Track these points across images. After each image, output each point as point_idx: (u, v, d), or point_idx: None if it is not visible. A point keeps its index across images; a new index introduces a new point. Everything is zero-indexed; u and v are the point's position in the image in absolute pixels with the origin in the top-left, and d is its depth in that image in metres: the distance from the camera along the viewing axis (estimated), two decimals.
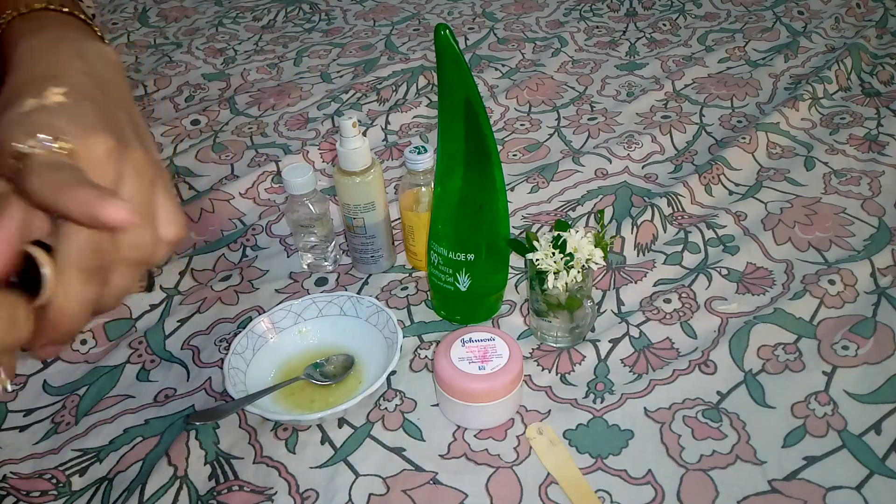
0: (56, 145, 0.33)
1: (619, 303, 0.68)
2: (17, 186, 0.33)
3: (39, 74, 0.36)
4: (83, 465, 0.56)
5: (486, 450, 0.55)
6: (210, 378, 0.63)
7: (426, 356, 0.64)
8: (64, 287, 0.33)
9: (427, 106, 1.02)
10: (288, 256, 0.77)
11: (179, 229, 0.37)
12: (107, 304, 0.36)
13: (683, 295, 0.67)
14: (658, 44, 1.18)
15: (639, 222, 0.76)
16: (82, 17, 0.44)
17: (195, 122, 1.01)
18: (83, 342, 0.66)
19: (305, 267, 0.75)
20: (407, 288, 0.72)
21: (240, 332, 0.63)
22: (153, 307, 0.70)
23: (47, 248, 0.33)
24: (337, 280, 0.73)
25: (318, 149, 0.92)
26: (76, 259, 0.33)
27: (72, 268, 0.33)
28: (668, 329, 0.64)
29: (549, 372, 0.62)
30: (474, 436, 0.56)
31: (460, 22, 1.31)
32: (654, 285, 0.70)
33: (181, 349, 0.66)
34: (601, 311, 0.67)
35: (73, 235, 0.33)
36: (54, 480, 0.55)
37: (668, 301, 0.67)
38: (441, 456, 0.55)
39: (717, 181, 0.82)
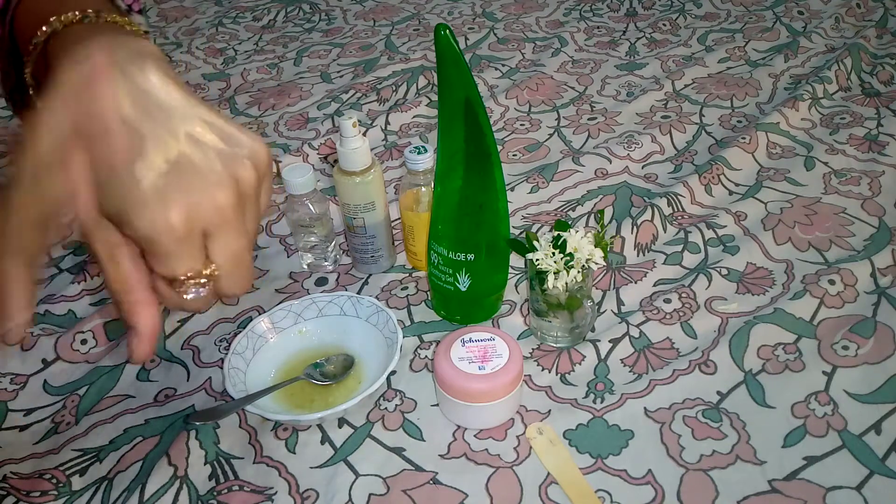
0: None
1: (619, 303, 0.68)
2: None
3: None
4: (83, 464, 0.56)
5: (486, 450, 0.55)
6: (210, 378, 0.63)
7: (426, 356, 0.64)
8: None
9: (427, 106, 1.02)
10: (288, 256, 0.77)
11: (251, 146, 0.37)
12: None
13: (683, 295, 0.67)
14: (658, 44, 1.18)
15: (639, 222, 0.76)
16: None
17: None
18: (83, 342, 0.66)
19: (305, 267, 0.75)
20: (407, 288, 0.72)
21: (240, 332, 0.63)
22: None
23: None
24: (337, 280, 0.73)
25: (318, 153, 0.92)
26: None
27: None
28: (668, 329, 0.64)
29: (549, 372, 0.62)
30: (474, 436, 0.56)
31: (460, 22, 1.31)
32: (654, 285, 0.70)
33: (181, 349, 0.66)
34: (601, 311, 0.67)
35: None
36: (54, 480, 0.55)
37: (668, 301, 0.67)
38: (441, 456, 0.55)
39: (717, 181, 0.82)
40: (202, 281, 0.37)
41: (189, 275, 0.37)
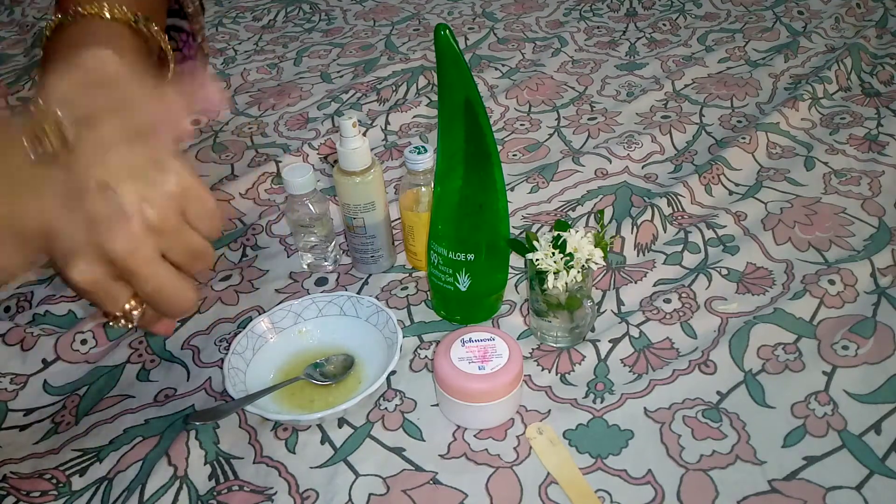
0: None
1: (619, 303, 0.68)
2: None
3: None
4: (83, 465, 0.56)
5: (486, 450, 0.55)
6: (210, 378, 0.63)
7: (426, 356, 0.64)
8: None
9: (427, 106, 1.02)
10: (288, 256, 0.77)
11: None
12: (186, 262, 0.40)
13: (683, 295, 0.67)
14: (658, 44, 1.18)
15: (639, 222, 0.76)
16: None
17: (195, 122, 1.01)
18: (83, 342, 0.66)
19: (305, 267, 0.75)
20: (407, 288, 0.72)
21: (240, 332, 0.63)
22: None
23: None
24: (337, 280, 0.73)
25: (318, 153, 0.92)
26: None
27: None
28: (668, 329, 0.64)
29: (549, 372, 0.62)
30: (474, 436, 0.56)
31: (460, 22, 1.31)
32: (654, 285, 0.70)
33: (181, 349, 0.66)
34: (601, 311, 0.67)
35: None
36: (54, 480, 0.55)
37: (668, 301, 0.67)
38: (441, 456, 0.55)
39: (717, 181, 0.82)
40: (123, 317, 0.40)
41: (116, 314, 0.40)
